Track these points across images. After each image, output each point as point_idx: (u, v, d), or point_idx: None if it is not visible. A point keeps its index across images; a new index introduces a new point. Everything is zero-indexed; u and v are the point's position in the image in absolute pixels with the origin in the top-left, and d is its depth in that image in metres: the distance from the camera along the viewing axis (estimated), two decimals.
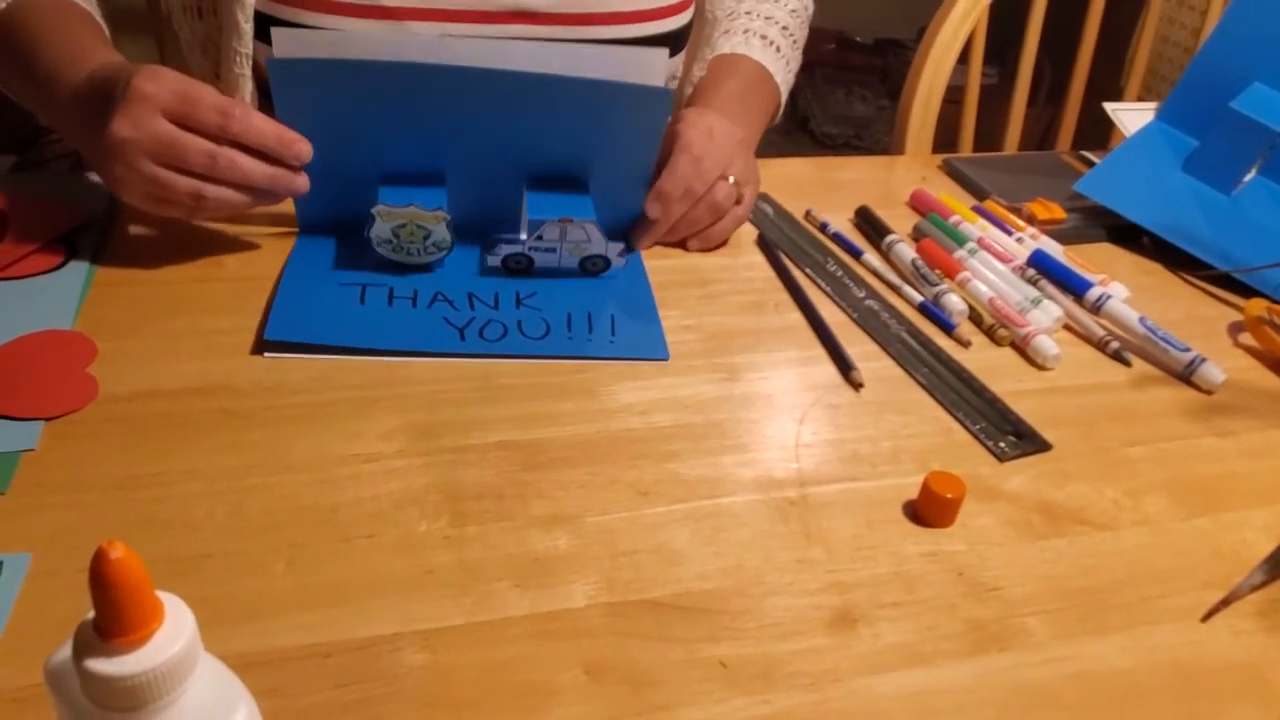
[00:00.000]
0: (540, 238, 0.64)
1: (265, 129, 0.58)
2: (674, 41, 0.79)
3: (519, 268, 0.66)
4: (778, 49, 0.84)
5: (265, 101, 0.76)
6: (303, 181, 0.61)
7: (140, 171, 0.57)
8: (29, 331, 0.57)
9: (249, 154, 0.58)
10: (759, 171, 0.75)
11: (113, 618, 0.25)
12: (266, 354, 0.57)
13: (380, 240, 0.63)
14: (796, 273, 0.71)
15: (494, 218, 0.67)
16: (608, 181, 0.67)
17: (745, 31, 0.84)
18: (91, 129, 0.58)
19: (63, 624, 0.27)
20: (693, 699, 0.41)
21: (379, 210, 0.62)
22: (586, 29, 0.73)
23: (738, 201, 0.71)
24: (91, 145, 0.58)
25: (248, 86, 0.71)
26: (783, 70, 0.85)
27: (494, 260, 0.65)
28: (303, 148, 0.60)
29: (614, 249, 0.66)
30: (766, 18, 0.86)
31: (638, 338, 0.62)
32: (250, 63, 0.70)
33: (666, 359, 0.61)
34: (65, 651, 0.27)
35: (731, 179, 0.69)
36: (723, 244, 0.73)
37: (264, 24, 0.68)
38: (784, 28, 0.86)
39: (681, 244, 0.72)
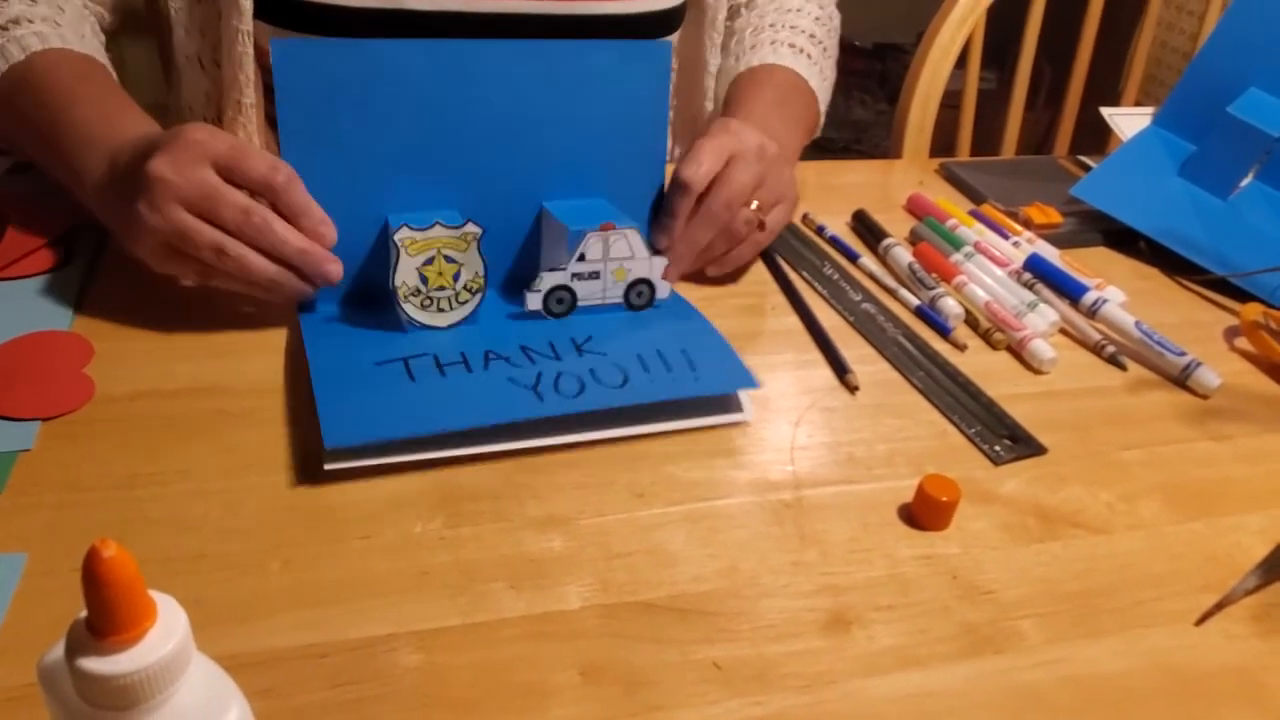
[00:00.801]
0: (583, 257, 0.60)
1: (308, 200, 0.56)
2: (667, 21, 0.79)
3: (560, 308, 0.61)
4: (809, 56, 0.81)
5: (269, 96, 0.76)
6: (335, 269, 0.56)
7: (166, 215, 0.53)
8: (26, 332, 0.57)
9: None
10: (796, 187, 0.70)
11: (105, 616, 0.25)
12: (327, 466, 0.49)
13: (407, 293, 0.57)
14: (793, 276, 0.71)
15: (512, 237, 0.63)
16: (620, 168, 0.64)
17: (772, 43, 0.81)
18: (122, 192, 0.55)
19: (58, 623, 0.27)
20: (687, 700, 0.41)
21: (403, 239, 0.56)
22: (580, 4, 0.73)
23: (760, 226, 0.66)
24: (117, 207, 0.56)
25: (250, 66, 0.71)
26: (817, 76, 0.81)
27: (535, 300, 0.60)
28: (332, 235, 0.57)
29: (656, 266, 0.62)
30: (792, 27, 0.83)
31: (719, 370, 0.58)
32: (251, 40, 0.70)
33: (757, 387, 0.57)
34: (58, 650, 0.27)
35: (755, 204, 0.65)
36: (743, 270, 0.69)
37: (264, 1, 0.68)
38: (811, 35, 0.83)
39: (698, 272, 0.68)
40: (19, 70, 0.62)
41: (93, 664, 0.25)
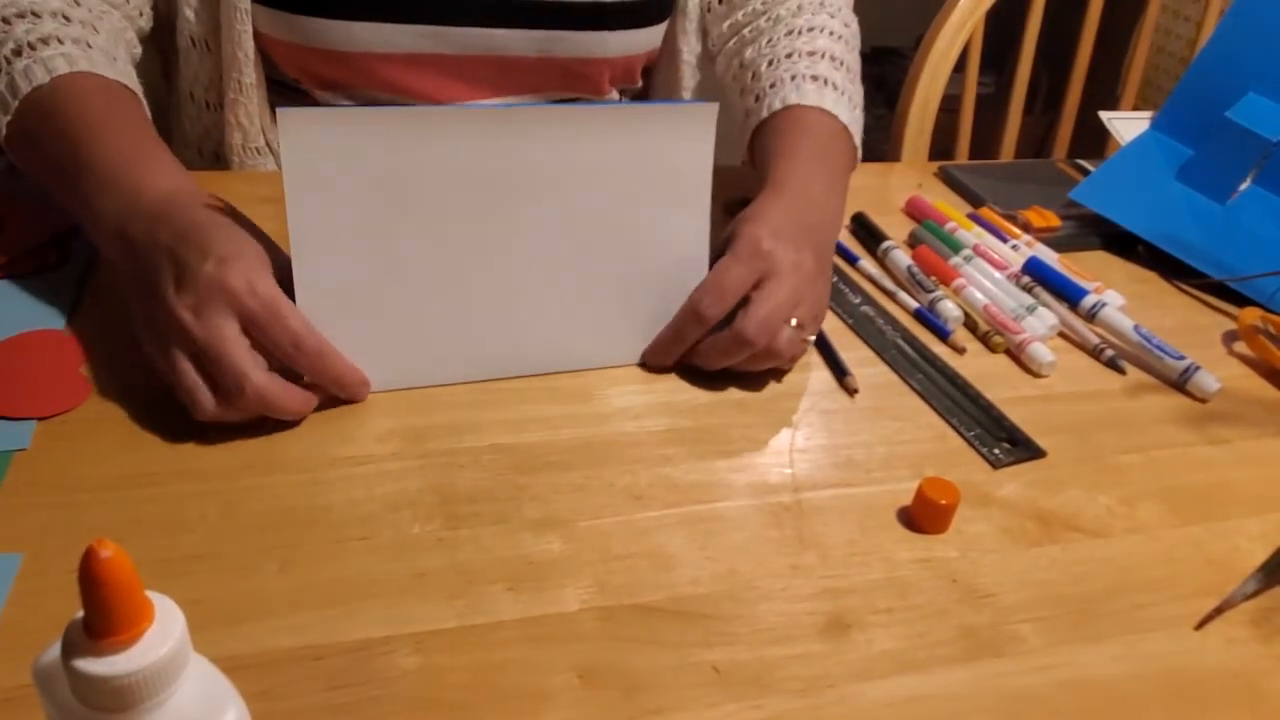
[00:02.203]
0: None
1: (335, 370, 0.52)
2: (657, 8, 0.79)
3: None
4: (835, 86, 0.73)
5: (271, 89, 0.76)
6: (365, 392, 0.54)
7: (171, 359, 0.49)
8: (23, 331, 0.56)
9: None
10: (828, 296, 0.62)
11: (102, 617, 0.25)
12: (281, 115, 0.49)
13: None
14: None
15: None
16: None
17: (794, 79, 0.73)
18: (148, 265, 0.51)
19: (53, 624, 0.27)
20: (685, 703, 0.40)
21: None
22: None
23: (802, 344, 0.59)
24: (138, 272, 0.51)
25: (249, 44, 0.71)
26: (847, 108, 0.72)
27: None
28: (364, 392, 0.54)
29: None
30: (810, 54, 0.74)
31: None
32: (250, 18, 0.70)
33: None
34: (54, 651, 0.27)
35: (795, 321, 0.57)
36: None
37: None
38: (833, 58, 0.75)
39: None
40: (42, 95, 0.58)
41: (89, 665, 0.25)
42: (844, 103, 0.72)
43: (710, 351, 0.58)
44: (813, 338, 0.60)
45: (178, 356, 0.49)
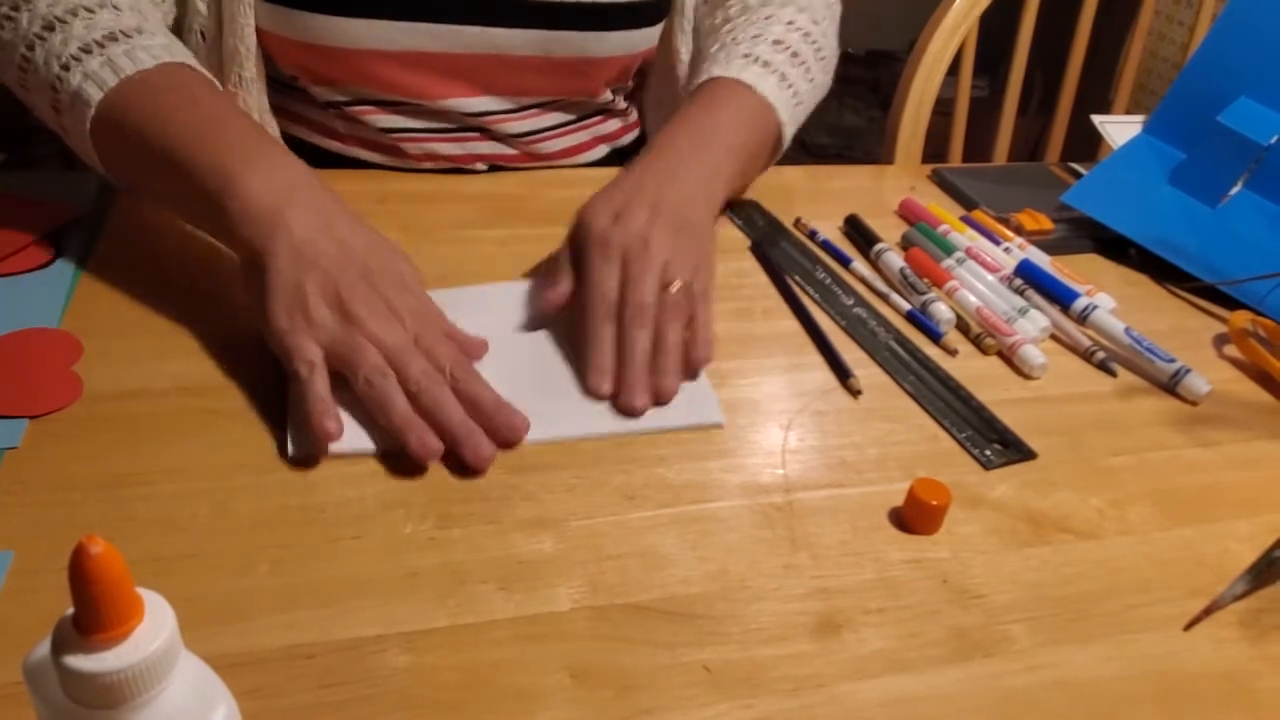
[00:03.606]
0: None
1: (487, 395, 0.52)
2: (657, 8, 0.79)
3: None
4: (765, 64, 0.73)
5: (270, 87, 0.76)
6: (524, 428, 0.52)
7: (351, 342, 0.51)
8: (14, 329, 0.56)
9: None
10: (710, 236, 0.64)
11: (92, 613, 0.25)
12: (291, 455, 0.50)
13: None
14: (787, 280, 0.71)
15: None
16: None
17: (727, 56, 0.74)
18: (304, 242, 0.53)
19: (43, 622, 0.27)
20: (676, 703, 0.40)
21: None
22: None
23: (689, 293, 0.59)
24: (282, 251, 0.52)
25: (250, 37, 0.70)
26: (774, 85, 0.72)
27: None
28: (522, 426, 0.52)
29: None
30: (754, 37, 0.76)
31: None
32: (253, 11, 0.70)
33: (721, 424, 0.55)
34: (44, 648, 0.26)
35: (677, 282, 0.58)
36: (706, 359, 0.59)
37: None
38: (776, 42, 0.75)
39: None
40: (152, 76, 0.58)
41: (79, 661, 0.25)
42: (770, 78, 0.72)
43: (630, 356, 0.56)
44: (702, 287, 0.60)
45: (364, 346, 0.51)
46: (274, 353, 0.53)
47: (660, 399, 0.55)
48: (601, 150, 0.88)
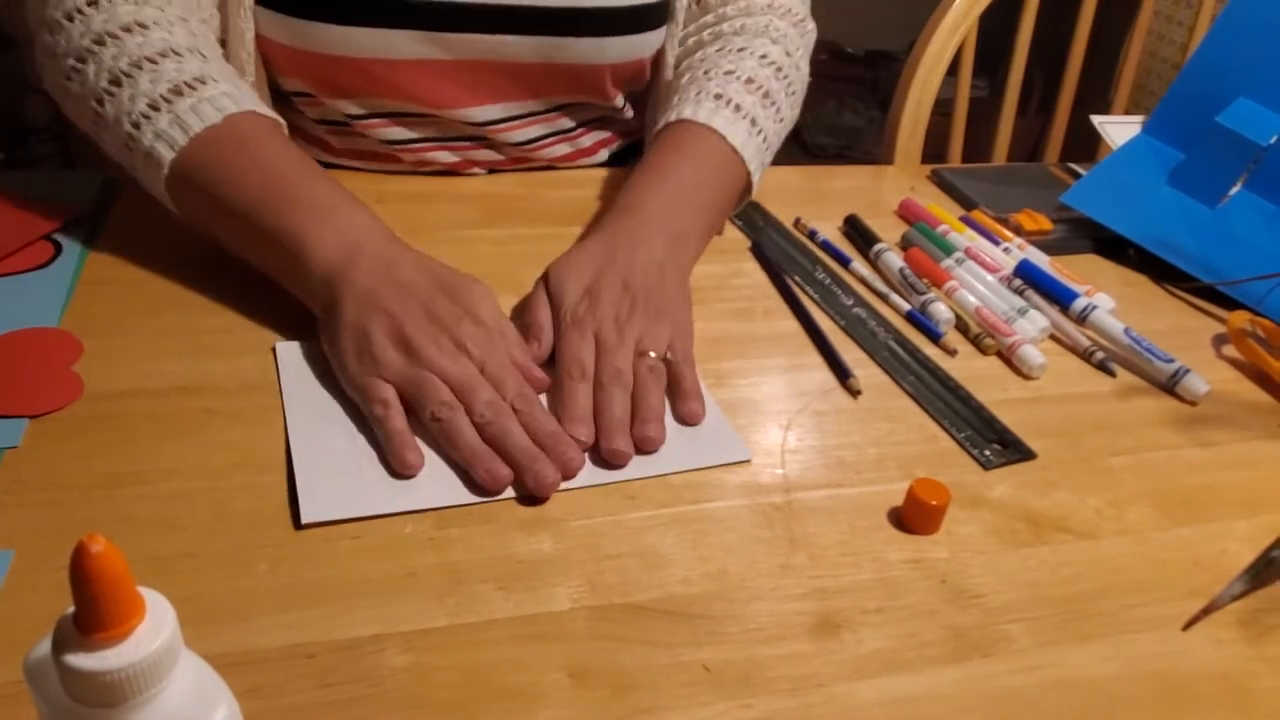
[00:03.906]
0: None
1: (547, 425, 0.52)
2: (657, 14, 0.79)
3: None
4: (736, 107, 0.71)
5: (274, 98, 0.76)
6: (580, 461, 0.51)
7: (426, 387, 0.52)
8: (14, 329, 0.56)
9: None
10: (685, 296, 0.62)
11: (93, 612, 0.25)
12: (305, 521, 0.47)
13: None
14: (787, 280, 0.71)
15: None
16: None
17: (697, 95, 0.72)
18: (373, 294, 0.54)
19: (44, 621, 0.27)
20: (675, 702, 0.41)
21: None
22: None
23: (667, 361, 0.57)
24: (356, 305, 0.54)
25: (250, 43, 0.70)
26: (744, 132, 0.71)
27: None
28: (577, 459, 0.51)
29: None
30: (727, 73, 0.73)
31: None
32: (252, 16, 0.70)
33: (749, 459, 0.54)
34: (45, 647, 0.27)
35: (651, 354, 0.57)
36: (697, 412, 0.56)
37: None
38: (749, 80, 0.73)
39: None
40: (219, 133, 0.59)
41: (80, 660, 0.25)
42: (741, 125, 0.71)
43: (604, 410, 0.54)
44: (681, 355, 0.58)
45: (430, 380, 0.52)
46: (358, 404, 0.53)
47: (644, 447, 0.53)
48: (601, 155, 0.88)
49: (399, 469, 0.50)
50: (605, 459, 0.52)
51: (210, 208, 0.60)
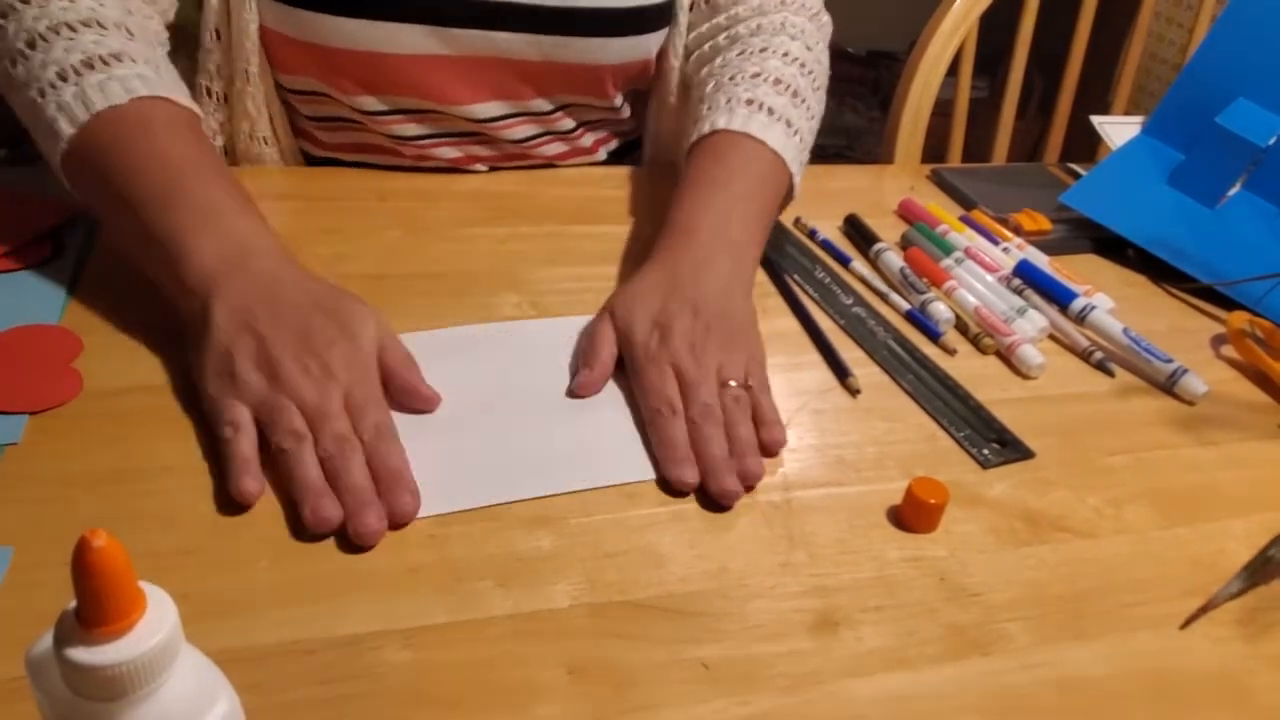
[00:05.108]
0: None
1: (390, 465, 0.48)
2: (658, 16, 0.79)
3: None
4: (769, 111, 0.70)
5: (278, 90, 0.76)
6: (415, 507, 0.48)
7: (271, 405, 0.49)
8: (15, 325, 0.56)
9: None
10: (751, 314, 0.61)
11: (94, 607, 0.25)
12: None
13: None
14: (786, 279, 0.72)
15: None
16: None
17: (728, 102, 0.71)
18: (241, 308, 0.51)
19: (44, 618, 0.27)
20: (674, 699, 0.41)
21: None
22: None
23: (747, 387, 0.56)
24: (224, 316, 0.51)
25: (254, 33, 0.70)
26: (781, 134, 0.70)
27: None
28: (409, 509, 0.48)
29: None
30: (754, 75, 0.73)
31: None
32: (256, 7, 0.70)
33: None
34: (46, 641, 0.27)
35: (731, 381, 0.56)
36: (782, 441, 0.55)
37: None
38: (777, 81, 0.73)
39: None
40: (121, 115, 0.56)
41: (81, 654, 0.25)
42: (777, 128, 0.70)
43: (704, 449, 0.53)
44: (758, 381, 0.57)
45: (285, 408, 0.49)
46: (211, 423, 0.51)
47: (748, 481, 0.52)
48: (600, 154, 0.88)
49: (236, 496, 0.47)
50: (717, 499, 0.51)
51: (99, 193, 0.57)
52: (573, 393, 0.57)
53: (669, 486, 0.51)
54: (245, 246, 0.55)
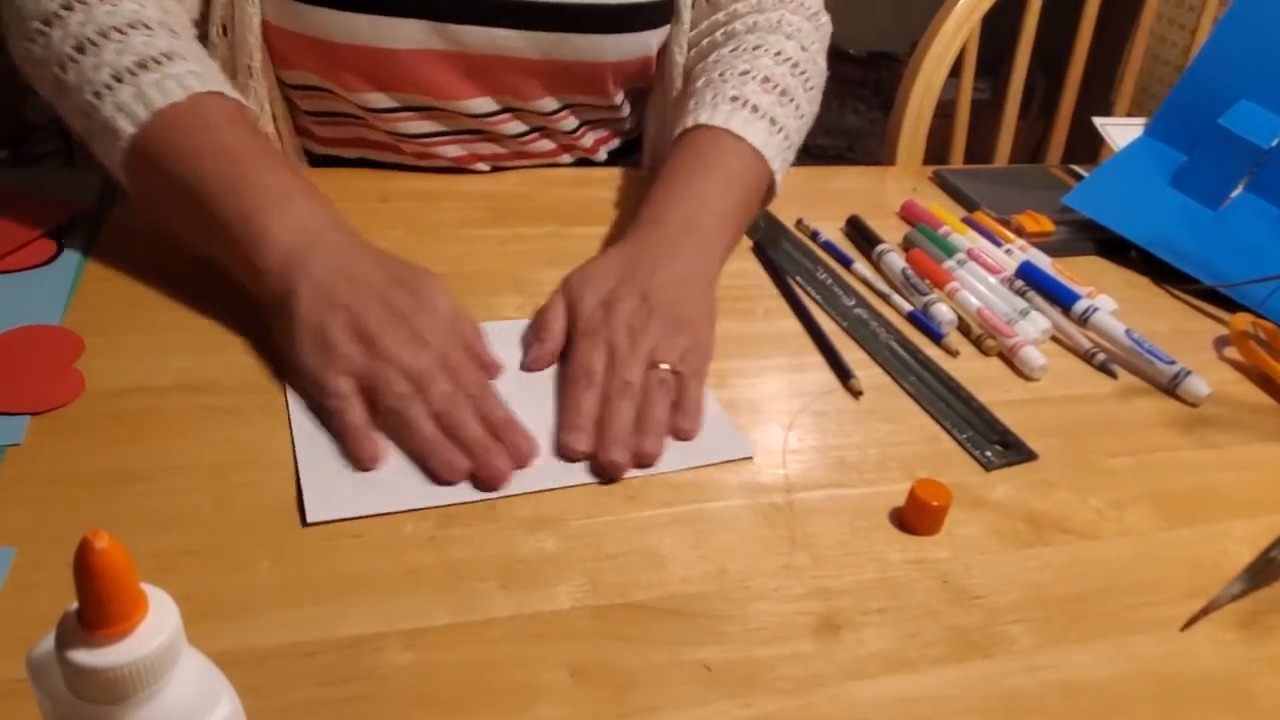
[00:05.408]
0: None
1: (498, 413, 0.52)
2: (659, 13, 0.79)
3: None
4: (754, 108, 0.71)
5: (280, 87, 0.76)
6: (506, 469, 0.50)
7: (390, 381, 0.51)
8: (16, 326, 0.56)
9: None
10: (708, 307, 0.62)
11: (96, 608, 0.25)
12: (310, 520, 0.47)
13: None
14: (788, 281, 0.72)
15: None
16: None
17: (714, 99, 0.72)
18: (327, 286, 0.54)
19: (45, 619, 0.27)
20: (676, 701, 0.41)
21: None
22: None
23: (675, 373, 0.56)
24: (310, 297, 0.54)
25: (256, 28, 0.71)
26: (764, 132, 0.71)
27: None
28: (526, 448, 0.51)
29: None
30: (743, 73, 0.73)
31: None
32: (258, 3, 0.70)
33: (750, 456, 0.54)
34: (48, 643, 0.27)
35: (665, 365, 0.56)
36: (691, 431, 0.55)
37: None
38: (765, 80, 0.73)
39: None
40: (182, 110, 0.58)
41: (83, 656, 0.25)
42: (760, 125, 0.71)
43: (609, 421, 0.53)
44: (693, 368, 0.57)
45: (389, 373, 0.52)
46: (314, 398, 0.53)
47: (642, 462, 0.52)
48: (601, 154, 0.88)
49: (359, 463, 0.49)
50: (602, 469, 0.51)
51: (165, 188, 0.59)
52: (527, 368, 0.59)
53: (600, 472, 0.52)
54: (319, 225, 0.57)
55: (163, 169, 0.58)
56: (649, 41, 0.80)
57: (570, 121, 0.82)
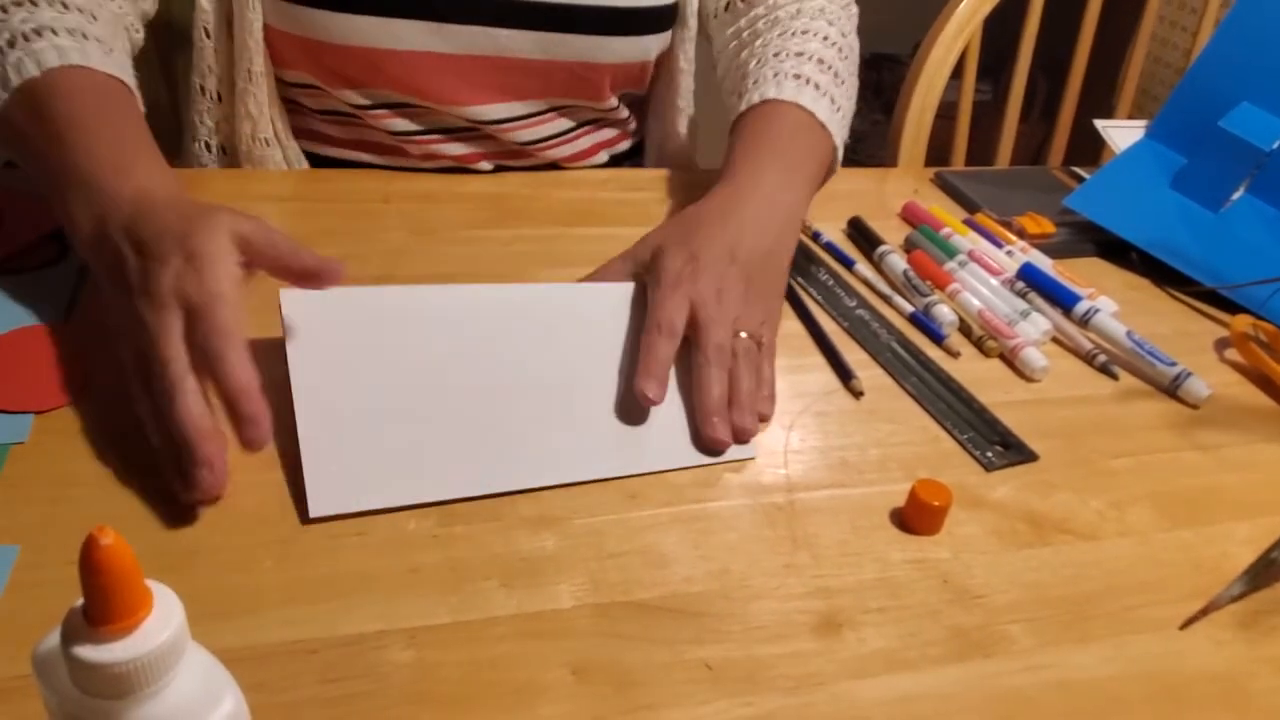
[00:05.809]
0: None
1: (242, 378, 0.47)
2: (663, 17, 0.80)
3: None
4: (816, 86, 0.72)
5: (279, 87, 0.76)
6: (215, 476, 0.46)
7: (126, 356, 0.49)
8: (21, 325, 0.57)
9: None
10: (778, 300, 0.62)
11: (101, 604, 0.25)
12: (313, 515, 0.47)
13: None
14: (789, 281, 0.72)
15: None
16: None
17: (775, 75, 0.73)
18: (114, 273, 0.50)
19: (49, 617, 0.27)
20: (677, 700, 0.41)
21: None
22: None
23: (758, 345, 0.57)
24: (109, 285, 0.51)
25: (258, 32, 0.71)
26: (826, 108, 0.71)
27: None
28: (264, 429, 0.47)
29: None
30: (798, 54, 0.74)
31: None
32: (260, 5, 0.70)
33: (754, 458, 0.54)
34: (53, 639, 0.27)
35: (743, 334, 0.56)
36: (770, 413, 0.57)
37: None
38: (820, 61, 0.74)
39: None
40: (32, 88, 0.57)
41: (88, 652, 0.25)
42: (823, 102, 0.72)
43: (705, 392, 0.54)
44: (768, 341, 0.58)
45: (127, 354, 0.49)
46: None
47: (741, 438, 0.53)
48: (601, 156, 0.88)
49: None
50: (706, 444, 0.52)
51: (27, 173, 0.59)
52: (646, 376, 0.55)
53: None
54: (111, 206, 0.52)
55: (16, 152, 0.59)
56: (647, 46, 0.80)
57: (565, 123, 0.83)
